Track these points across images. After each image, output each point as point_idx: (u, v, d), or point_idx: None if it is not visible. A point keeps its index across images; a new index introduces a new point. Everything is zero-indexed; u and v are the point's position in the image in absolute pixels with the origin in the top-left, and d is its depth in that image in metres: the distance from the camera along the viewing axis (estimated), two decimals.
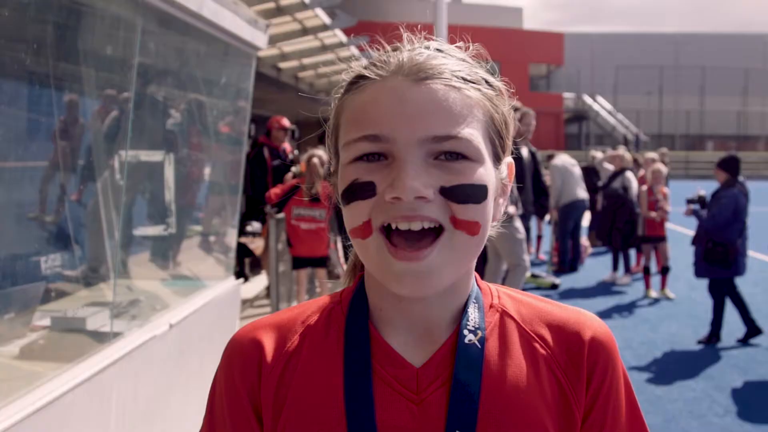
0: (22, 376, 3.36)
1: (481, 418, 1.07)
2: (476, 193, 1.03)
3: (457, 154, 1.02)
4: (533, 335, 1.16)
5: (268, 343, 1.16)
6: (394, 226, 1.01)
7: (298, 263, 8.53)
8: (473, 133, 1.04)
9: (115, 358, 3.74)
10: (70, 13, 3.92)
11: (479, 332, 1.13)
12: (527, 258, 8.09)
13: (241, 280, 6.95)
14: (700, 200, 9.07)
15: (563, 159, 12.83)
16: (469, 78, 1.07)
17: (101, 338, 3.92)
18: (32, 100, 3.82)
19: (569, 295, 10.93)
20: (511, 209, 7.64)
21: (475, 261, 1.16)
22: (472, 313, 1.14)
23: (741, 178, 8.49)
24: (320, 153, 8.12)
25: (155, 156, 5.20)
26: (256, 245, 10.54)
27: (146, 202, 5.50)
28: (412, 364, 1.11)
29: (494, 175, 1.09)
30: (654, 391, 6.61)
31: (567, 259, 12.96)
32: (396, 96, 1.03)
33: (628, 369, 7.12)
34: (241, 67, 6.20)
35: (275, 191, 8.27)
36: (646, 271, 10.83)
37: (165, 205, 5.63)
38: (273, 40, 8.13)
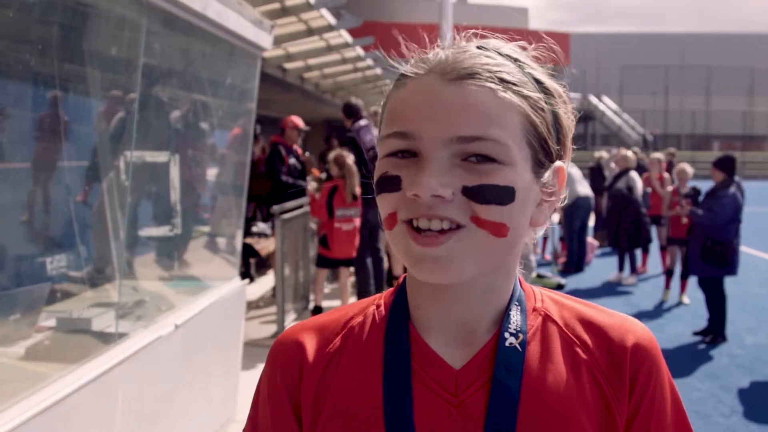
0: (28, 376, 3.36)
1: (521, 422, 1.06)
2: (500, 195, 1.01)
3: (484, 157, 1.01)
4: (575, 340, 1.15)
5: (310, 345, 1.17)
6: (415, 224, 1.02)
7: (328, 263, 8.67)
8: (502, 136, 1.02)
9: (120, 358, 3.74)
10: (75, 14, 3.92)
11: (521, 335, 1.12)
12: (533, 258, 8.10)
13: (247, 280, 6.95)
14: (695, 193, 9.08)
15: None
16: (509, 79, 1.05)
17: (106, 339, 3.92)
18: (37, 101, 3.83)
19: (575, 295, 10.86)
20: None
21: (515, 262, 1.16)
22: (514, 316, 1.14)
23: (737, 178, 8.49)
24: (349, 154, 8.31)
25: (160, 157, 5.20)
26: (262, 246, 10.55)
27: (151, 202, 5.51)
28: (452, 365, 1.11)
29: (529, 179, 1.06)
30: None
31: (574, 259, 12.95)
32: (427, 94, 1.03)
33: None
34: (246, 67, 6.20)
35: (320, 204, 8.43)
36: (669, 273, 10.77)
37: (170, 206, 5.63)
38: (278, 41, 8.13)
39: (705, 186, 9.00)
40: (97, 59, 4.13)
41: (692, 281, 9.84)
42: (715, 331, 8.38)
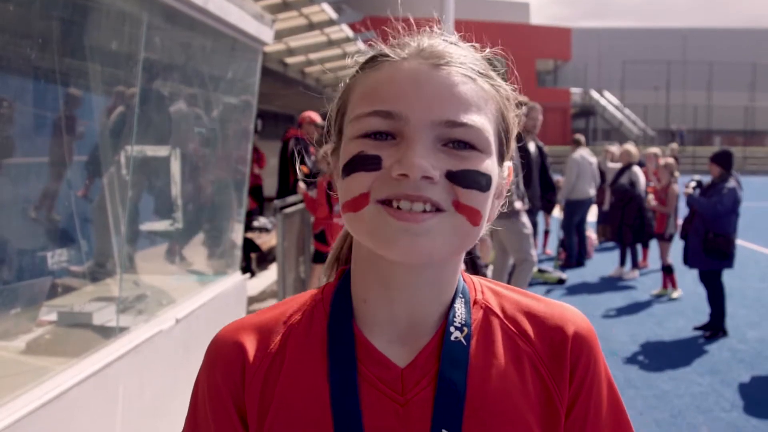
0: (29, 370, 3.37)
1: (467, 418, 1.06)
2: (481, 181, 1.02)
3: (466, 144, 1.02)
4: (516, 331, 1.15)
5: (251, 345, 1.14)
6: (395, 205, 1.00)
7: (325, 258, 8.70)
8: (485, 124, 1.04)
9: (121, 352, 3.74)
10: (76, 9, 3.92)
11: (465, 329, 1.12)
12: (534, 253, 8.08)
13: (248, 275, 6.96)
14: (698, 185, 9.08)
15: (582, 152, 12.75)
16: (484, 72, 1.08)
17: (107, 333, 3.93)
18: (38, 96, 3.82)
19: (576, 290, 10.91)
20: (518, 204, 7.64)
21: (463, 256, 1.16)
22: (459, 309, 1.13)
23: (733, 172, 8.50)
24: None
25: (161, 151, 5.20)
26: (263, 240, 10.56)
27: (152, 197, 5.51)
28: (397, 364, 1.10)
29: (497, 172, 1.09)
30: (661, 386, 6.60)
31: (574, 254, 12.95)
32: (413, 77, 1.03)
33: (634, 364, 7.11)
34: (247, 62, 6.20)
35: (319, 200, 8.45)
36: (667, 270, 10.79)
37: (171, 200, 5.64)
38: (279, 36, 8.13)
39: (707, 180, 8.99)
40: (98, 54, 4.13)
41: (690, 276, 9.85)
42: (714, 326, 8.38)
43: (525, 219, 7.89)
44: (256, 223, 11.19)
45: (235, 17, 5.22)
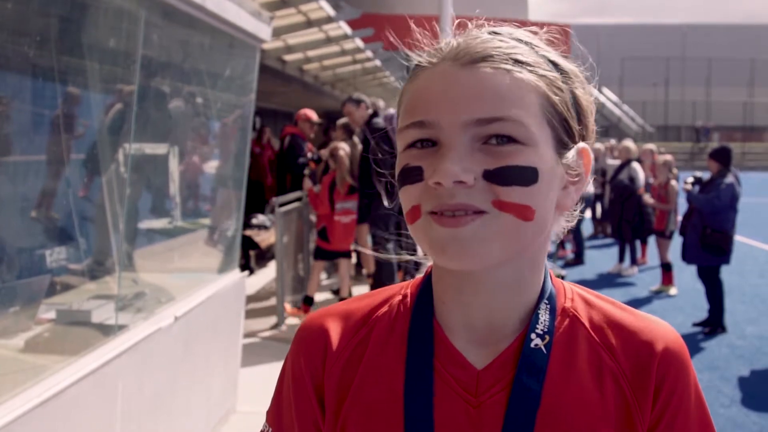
0: (27, 368, 3.36)
1: (539, 426, 1.04)
2: (522, 175, 0.98)
3: (505, 137, 0.99)
4: (602, 344, 1.11)
5: (335, 332, 1.17)
6: (439, 214, 1.00)
7: (326, 255, 8.73)
8: (520, 115, 1.00)
9: (120, 350, 3.74)
10: (73, 6, 3.91)
11: (547, 337, 1.09)
12: None
13: (247, 272, 6.95)
14: (698, 181, 9.11)
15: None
16: (523, 60, 1.04)
17: (106, 331, 3.92)
18: (35, 94, 3.82)
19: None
20: None
21: (542, 253, 1.13)
22: (543, 316, 1.11)
23: (733, 168, 8.51)
24: (344, 145, 8.33)
25: (159, 149, 5.19)
26: (262, 238, 10.55)
27: (151, 195, 5.50)
28: (474, 365, 1.09)
29: (552, 159, 1.04)
30: None
31: (582, 251, 12.97)
32: (442, 81, 1.02)
33: None
34: (245, 59, 6.19)
35: (321, 198, 8.47)
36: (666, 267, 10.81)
37: (170, 198, 5.63)
38: (277, 33, 8.12)
39: (706, 176, 8.99)
40: (96, 51, 4.12)
41: (689, 273, 9.83)
42: (713, 323, 8.38)
43: None
44: (254, 221, 11.19)
45: (233, 14, 5.21)
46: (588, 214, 15.01)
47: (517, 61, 1.03)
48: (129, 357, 3.82)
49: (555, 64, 1.09)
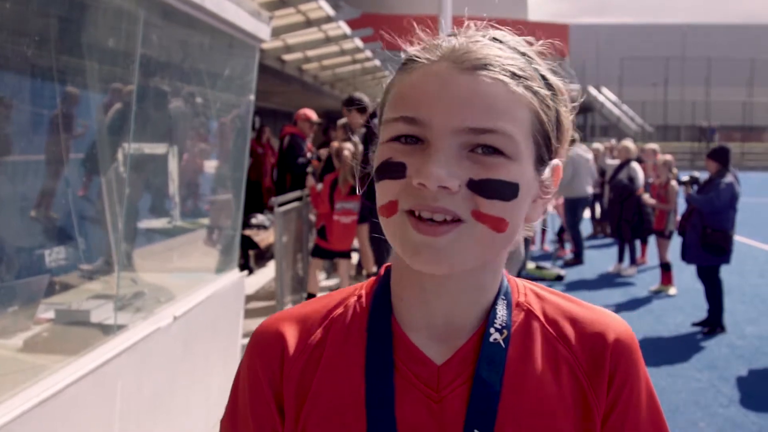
0: (26, 368, 3.36)
1: (500, 418, 1.07)
2: (505, 190, 1.00)
3: (493, 149, 1.00)
4: (556, 336, 1.14)
5: (291, 336, 1.16)
6: (417, 214, 1.00)
7: (324, 254, 8.73)
8: (512, 130, 1.01)
9: (119, 350, 3.74)
10: (72, 6, 3.91)
11: (505, 331, 1.12)
12: (521, 251, 8.04)
13: (246, 272, 6.95)
14: (694, 181, 9.12)
15: (577, 150, 12.74)
16: (520, 74, 1.04)
17: (105, 331, 3.92)
18: (34, 93, 3.82)
19: (575, 286, 10.92)
20: None
21: (504, 258, 1.15)
22: (500, 311, 1.13)
23: (731, 168, 8.52)
24: (348, 145, 8.33)
25: (158, 149, 5.19)
26: (261, 238, 10.56)
27: (150, 194, 5.50)
28: (434, 361, 1.10)
29: (531, 176, 1.06)
30: (658, 382, 6.60)
31: (581, 251, 12.97)
32: (439, 81, 1.02)
33: None
34: (245, 59, 6.19)
35: (322, 197, 8.47)
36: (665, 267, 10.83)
37: (169, 198, 5.63)
38: (276, 32, 8.12)
39: (704, 176, 8.99)
40: (95, 51, 4.12)
41: (688, 272, 9.85)
42: (713, 322, 8.39)
43: None
44: (254, 221, 11.19)
45: (232, 14, 5.21)
46: (587, 214, 15.01)
47: (514, 74, 1.03)
48: (128, 357, 3.82)
49: (545, 80, 1.09)
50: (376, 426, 1.06)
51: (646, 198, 11.09)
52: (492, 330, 1.11)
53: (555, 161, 1.13)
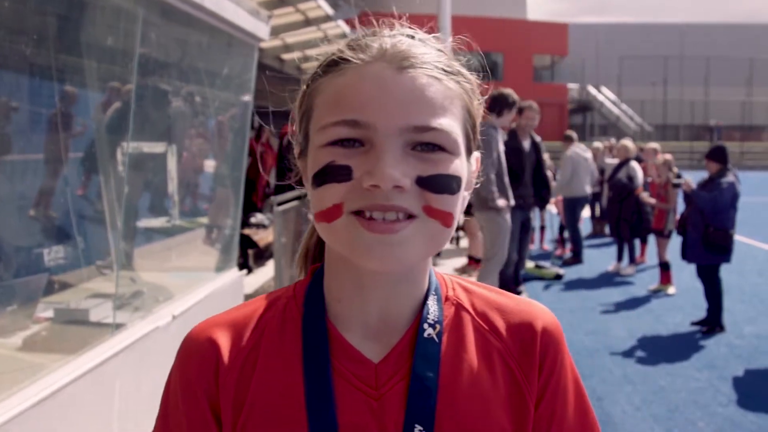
0: (25, 367, 3.36)
1: (440, 412, 1.08)
2: (452, 184, 1.03)
3: (435, 146, 1.01)
4: (487, 327, 1.17)
5: (224, 342, 1.13)
6: (368, 214, 1.00)
7: None
8: (452, 126, 1.03)
9: (117, 349, 3.74)
10: (71, 5, 3.91)
11: (438, 326, 1.13)
12: (505, 253, 8.04)
13: (245, 271, 6.95)
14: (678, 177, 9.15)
15: (576, 149, 12.77)
16: (448, 69, 1.06)
17: (104, 330, 3.92)
18: (34, 93, 3.82)
19: (573, 286, 10.91)
20: (501, 202, 7.68)
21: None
22: (432, 306, 1.14)
23: (730, 167, 8.52)
24: None
25: (157, 148, 5.19)
26: (260, 237, 10.55)
27: (149, 193, 5.50)
28: (371, 359, 1.10)
29: (466, 168, 1.09)
30: (658, 381, 6.60)
31: (581, 250, 12.97)
32: (378, 83, 1.01)
33: (631, 359, 7.11)
34: (244, 58, 6.19)
35: None
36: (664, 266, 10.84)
37: (168, 197, 5.63)
38: (275, 32, 8.12)
39: (695, 177, 8.99)
40: (94, 50, 4.12)
41: (687, 272, 9.87)
42: (712, 322, 8.39)
43: (506, 216, 7.88)
44: (253, 220, 11.19)
45: (231, 13, 5.21)
46: (587, 213, 15.01)
47: (445, 71, 1.05)
48: (126, 355, 3.82)
49: (462, 74, 1.11)
50: (318, 428, 1.06)
51: (645, 197, 11.09)
52: (425, 325, 1.12)
53: (476, 152, 1.15)
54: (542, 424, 1.17)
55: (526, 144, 8.81)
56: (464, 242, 13.04)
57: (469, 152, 1.11)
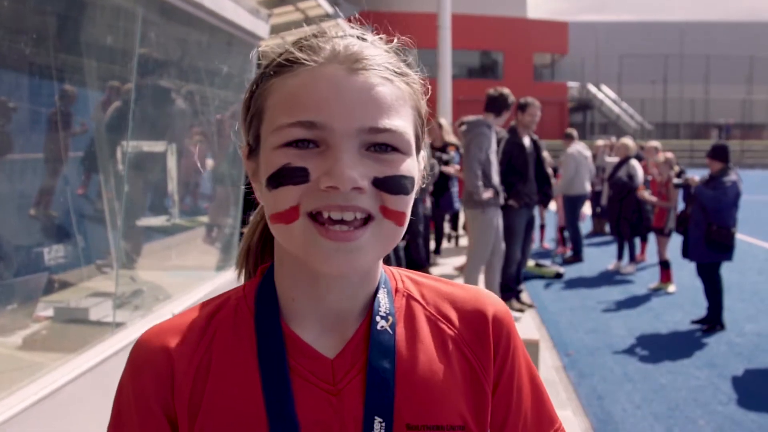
0: (25, 366, 3.37)
1: (398, 403, 1.09)
2: (407, 185, 1.04)
3: (389, 146, 1.03)
4: (439, 317, 1.19)
5: (177, 349, 1.12)
6: (326, 215, 1.00)
7: None
8: (405, 126, 1.05)
9: (117, 348, 3.74)
10: (71, 4, 3.91)
11: (390, 318, 1.15)
12: (488, 251, 8.02)
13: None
14: (687, 183, 9.15)
15: (577, 147, 12.79)
16: (398, 71, 1.08)
17: (104, 329, 3.92)
18: (33, 92, 3.82)
19: (573, 284, 10.92)
20: (487, 194, 7.67)
21: None
22: (383, 299, 1.16)
23: (731, 165, 8.51)
24: None
25: (157, 147, 5.19)
26: None
27: (148, 192, 5.50)
28: (326, 355, 1.11)
29: (417, 168, 1.10)
30: (658, 380, 6.61)
31: (581, 249, 12.97)
32: (333, 84, 1.02)
33: (632, 357, 7.11)
34: (243, 57, 6.19)
35: None
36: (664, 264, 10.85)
37: (167, 196, 5.63)
38: (275, 30, 8.11)
39: (705, 174, 8.99)
40: (94, 49, 4.12)
41: (688, 270, 9.88)
42: (712, 320, 8.39)
43: (492, 213, 7.87)
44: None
45: (231, 12, 5.21)
46: (588, 211, 15.00)
47: (395, 72, 1.07)
48: (126, 355, 3.82)
49: (410, 74, 1.12)
50: (278, 426, 1.06)
51: (646, 195, 11.09)
52: (378, 318, 1.14)
53: (423, 152, 1.17)
54: (500, 410, 1.20)
55: (527, 141, 8.81)
56: (463, 241, 13.04)
57: (418, 152, 1.12)
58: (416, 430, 1.10)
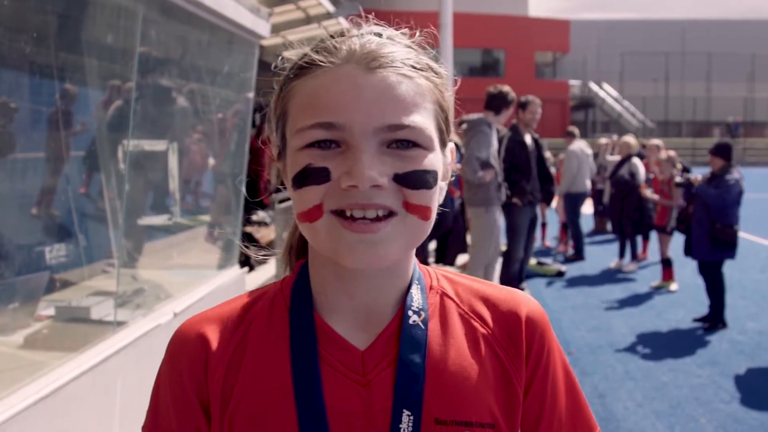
0: (27, 365, 3.37)
1: (427, 397, 1.10)
2: (429, 179, 1.06)
3: (409, 142, 1.04)
4: (472, 315, 1.20)
5: (213, 337, 1.16)
6: (348, 213, 1.02)
7: None
8: (425, 122, 1.06)
9: (119, 347, 3.74)
10: (72, 3, 3.91)
11: (422, 313, 1.16)
12: (488, 253, 8.02)
13: (246, 268, 6.95)
14: (689, 182, 9.15)
15: (579, 145, 12.80)
16: (418, 66, 1.09)
17: (105, 327, 3.92)
18: (34, 91, 3.82)
19: (575, 282, 10.91)
20: (488, 176, 7.62)
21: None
22: (416, 295, 1.17)
23: (734, 163, 8.50)
24: None
25: (158, 145, 5.19)
26: (262, 234, 10.54)
27: (150, 191, 5.50)
28: (357, 347, 1.13)
29: (441, 160, 1.12)
30: (660, 378, 6.60)
31: (582, 247, 12.95)
32: (350, 84, 1.04)
33: (633, 355, 7.09)
34: (244, 55, 6.19)
35: None
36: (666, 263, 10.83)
37: (169, 195, 5.63)
38: (276, 29, 8.11)
39: (707, 172, 8.98)
40: (94, 48, 4.12)
41: (690, 268, 9.86)
42: (714, 318, 8.38)
43: (496, 215, 7.86)
44: (254, 217, 11.19)
45: (231, 11, 5.21)
46: (589, 209, 15.00)
47: (414, 68, 1.08)
48: (128, 353, 3.82)
49: (433, 69, 1.13)
50: (307, 414, 1.08)
51: (648, 193, 11.08)
52: (410, 312, 1.15)
53: (451, 144, 1.18)
54: (532, 412, 1.19)
55: (528, 139, 8.80)
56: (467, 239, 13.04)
57: (443, 144, 1.13)
58: (445, 425, 1.10)
